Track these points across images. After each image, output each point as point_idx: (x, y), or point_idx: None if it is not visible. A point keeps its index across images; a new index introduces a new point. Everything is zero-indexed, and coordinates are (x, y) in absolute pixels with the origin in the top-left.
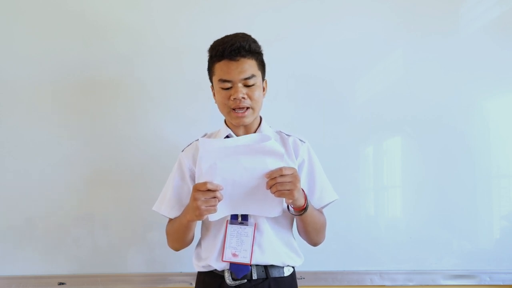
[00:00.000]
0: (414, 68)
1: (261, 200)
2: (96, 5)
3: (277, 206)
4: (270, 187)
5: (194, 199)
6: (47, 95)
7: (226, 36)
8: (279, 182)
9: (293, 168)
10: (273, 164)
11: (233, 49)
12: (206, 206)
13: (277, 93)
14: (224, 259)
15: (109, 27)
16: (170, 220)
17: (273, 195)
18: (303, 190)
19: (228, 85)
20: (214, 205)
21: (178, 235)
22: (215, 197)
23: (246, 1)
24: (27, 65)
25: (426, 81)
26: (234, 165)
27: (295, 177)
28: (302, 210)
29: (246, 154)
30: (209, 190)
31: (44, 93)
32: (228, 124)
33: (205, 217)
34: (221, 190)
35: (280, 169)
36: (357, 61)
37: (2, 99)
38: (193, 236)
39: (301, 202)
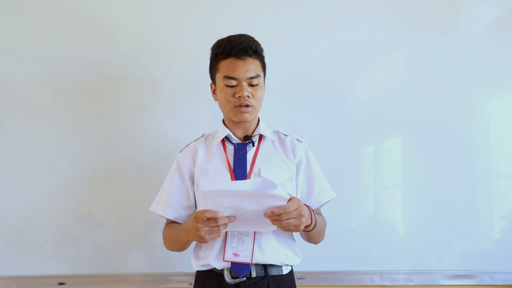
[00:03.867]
0: (414, 68)
1: (259, 221)
2: (97, 6)
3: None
4: (273, 220)
5: (197, 229)
6: (47, 96)
7: (231, 36)
8: (284, 220)
9: (298, 202)
10: (276, 203)
11: (241, 47)
12: (209, 235)
13: (277, 93)
14: (225, 259)
15: (110, 27)
16: (168, 223)
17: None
18: (309, 209)
19: (233, 82)
20: (218, 232)
21: (177, 245)
22: (218, 225)
23: (247, 1)
24: (28, 65)
25: (426, 81)
26: (237, 203)
27: (299, 213)
28: (308, 228)
29: (250, 196)
30: (209, 219)
31: (44, 93)
32: (227, 124)
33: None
34: (221, 215)
35: (284, 207)
36: (357, 61)
37: (3, 99)
38: (190, 244)
39: (307, 223)
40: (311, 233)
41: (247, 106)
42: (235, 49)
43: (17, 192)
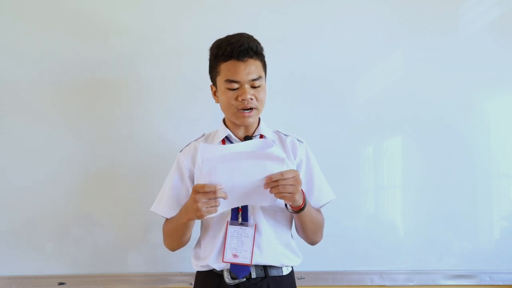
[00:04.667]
0: (414, 68)
1: (257, 194)
2: (97, 6)
3: (272, 196)
4: (270, 188)
5: (194, 201)
6: (47, 95)
7: (230, 36)
8: (281, 185)
9: (295, 171)
10: (273, 168)
11: (242, 49)
12: (206, 208)
13: (277, 93)
14: (224, 260)
15: (110, 27)
16: (167, 219)
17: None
18: (301, 190)
19: (236, 85)
20: (215, 206)
21: (177, 234)
22: (215, 198)
23: (247, 1)
24: (28, 65)
25: (426, 81)
26: (234, 168)
27: (296, 180)
28: (300, 209)
29: (247, 159)
30: (209, 191)
31: (45, 93)
32: (228, 124)
33: (206, 217)
34: (220, 189)
35: (281, 173)
36: (357, 61)
37: (3, 99)
38: (190, 236)
39: (299, 202)
40: (304, 219)
41: (250, 109)
42: (236, 51)
43: (17, 192)
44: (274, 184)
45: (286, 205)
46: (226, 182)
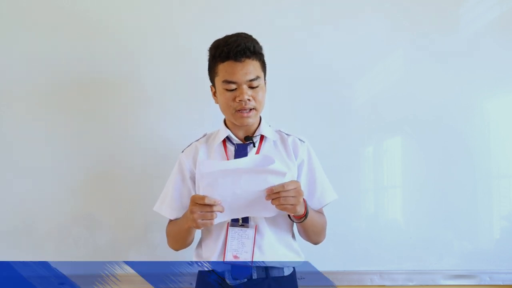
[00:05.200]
0: (414, 68)
1: (259, 205)
2: (97, 6)
3: (274, 207)
4: (271, 199)
5: (191, 211)
6: (47, 96)
7: (228, 36)
8: (282, 197)
9: (296, 182)
10: (274, 181)
11: (239, 50)
12: (202, 220)
13: (277, 93)
14: (225, 261)
15: (110, 27)
16: (171, 221)
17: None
18: (304, 199)
19: (233, 86)
20: (211, 219)
21: (180, 237)
22: (212, 211)
23: (247, 1)
24: (28, 65)
25: (426, 81)
26: (235, 181)
27: (298, 191)
28: (302, 218)
29: (248, 173)
30: (206, 204)
31: (45, 93)
32: (228, 125)
33: (202, 227)
34: (219, 204)
35: (282, 185)
36: (357, 61)
37: (3, 99)
38: (193, 239)
39: (301, 212)
40: (306, 226)
41: (249, 110)
42: (232, 51)
43: (17, 192)
44: (275, 196)
45: (289, 215)
46: (227, 195)
